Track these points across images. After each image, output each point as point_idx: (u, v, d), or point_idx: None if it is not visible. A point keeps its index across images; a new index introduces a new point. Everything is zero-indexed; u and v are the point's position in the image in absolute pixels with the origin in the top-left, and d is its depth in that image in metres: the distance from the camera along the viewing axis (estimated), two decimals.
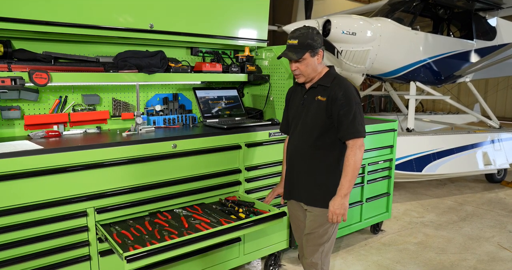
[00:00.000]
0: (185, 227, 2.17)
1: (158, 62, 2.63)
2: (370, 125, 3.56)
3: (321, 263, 2.18)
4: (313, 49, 2.03)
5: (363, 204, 3.62)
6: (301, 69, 2.09)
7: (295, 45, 2.04)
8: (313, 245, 2.16)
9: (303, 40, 2.02)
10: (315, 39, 2.03)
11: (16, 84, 2.07)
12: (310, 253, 2.17)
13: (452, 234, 3.96)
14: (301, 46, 2.03)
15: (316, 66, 2.09)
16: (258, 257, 2.95)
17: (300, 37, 2.03)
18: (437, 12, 6.16)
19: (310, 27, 2.07)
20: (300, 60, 2.06)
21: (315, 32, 2.04)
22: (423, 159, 4.94)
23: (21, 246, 1.94)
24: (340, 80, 2.09)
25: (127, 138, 2.38)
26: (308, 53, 2.03)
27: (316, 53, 2.06)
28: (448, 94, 6.65)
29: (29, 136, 2.36)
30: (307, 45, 2.02)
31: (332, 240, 2.18)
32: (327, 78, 2.10)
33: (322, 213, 2.10)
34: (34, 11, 2.13)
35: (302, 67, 2.08)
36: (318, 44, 2.04)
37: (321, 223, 2.11)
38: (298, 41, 2.03)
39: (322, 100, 2.06)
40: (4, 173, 1.86)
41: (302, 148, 2.14)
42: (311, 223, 2.15)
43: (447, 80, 6.25)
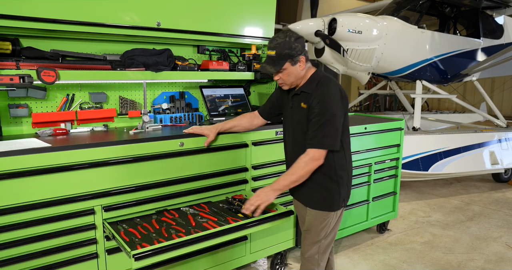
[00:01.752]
0: (192, 225, 2.16)
1: (165, 60, 2.62)
2: (376, 124, 3.54)
3: (318, 259, 2.17)
4: (292, 58, 1.95)
5: (369, 203, 3.60)
6: (283, 79, 2.04)
7: (273, 56, 1.96)
8: (310, 242, 2.16)
9: (281, 51, 1.93)
10: (293, 47, 1.93)
11: (24, 82, 2.07)
12: (307, 249, 2.18)
13: (459, 233, 3.93)
14: (279, 57, 1.95)
15: (299, 74, 2.01)
16: (265, 256, 2.94)
17: (277, 47, 1.94)
18: (443, 11, 6.12)
19: (287, 35, 1.95)
20: (281, 70, 2.00)
21: (292, 40, 1.94)
22: (430, 158, 4.92)
23: (29, 244, 1.94)
24: (323, 85, 1.99)
25: (134, 136, 2.38)
26: (288, 63, 1.96)
27: (297, 61, 1.98)
28: (454, 93, 6.60)
29: (37, 133, 2.36)
30: (285, 55, 1.94)
31: (330, 238, 2.17)
32: (310, 84, 2.02)
33: (319, 214, 2.10)
34: (41, 9, 2.13)
35: (284, 77, 2.02)
36: (297, 51, 1.95)
37: (319, 222, 2.12)
38: (276, 52, 1.95)
39: (304, 108, 2.02)
40: (13, 170, 1.86)
41: (297, 153, 2.08)
42: (308, 221, 2.16)
43: (453, 79, 6.21)
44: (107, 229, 2.12)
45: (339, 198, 2.08)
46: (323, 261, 2.19)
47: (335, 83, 2.01)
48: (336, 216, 2.13)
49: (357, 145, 3.40)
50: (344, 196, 2.11)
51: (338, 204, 2.09)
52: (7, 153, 1.85)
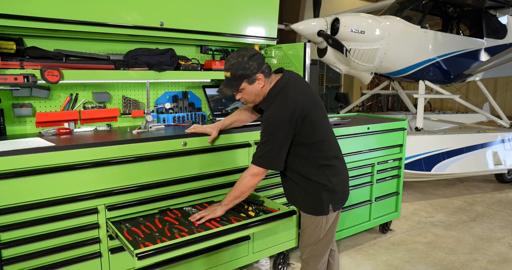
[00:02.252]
0: (195, 225, 2.17)
1: (168, 60, 2.63)
2: (379, 124, 3.54)
3: (315, 261, 2.17)
4: (248, 77, 1.93)
5: (372, 203, 3.60)
6: (245, 98, 2.03)
7: (229, 78, 1.96)
8: (304, 244, 2.18)
9: (235, 72, 1.92)
10: (247, 67, 1.91)
11: (28, 81, 2.08)
12: (302, 251, 2.20)
13: (462, 234, 3.92)
14: (234, 78, 1.94)
15: (259, 91, 1.99)
16: (267, 255, 2.94)
17: (231, 69, 1.93)
18: (446, 11, 6.10)
19: (241, 54, 1.93)
20: (240, 90, 1.99)
21: (246, 59, 1.91)
22: (432, 158, 4.91)
23: (34, 243, 1.95)
24: (274, 102, 1.96)
25: (137, 135, 2.38)
26: (245, 82, 1.94)
27: (254, 80, 1.95)
28: (457, 93, 6.59)
29: (41, 133, 2.37)
30: (240, 76, 1.92)
31: (325, 242, 2.15)
32: (266, 102, 2.02)
33: (308, 217, 2.11)
34: (45, 9, 2.14)
35: (245, 96, 2.02)
36: (252, 71, 1.92)
37: (309, 225, 2.12)
38: (231, 74, 1.94)
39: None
40: (17, 169, 1.87)
41: None
42: (302, 223, 2.18)
43: (456, 79, 6.19)
44: (110, 228, 2.13)
45: (323, 203, 2.04)
46: (320, 263, 2.18)
47: (287, 101, 1.93)
48: (327, 220, 2.10)
49: (360, 145, 3.39)
50: (330, 201, 2.05)
51: (323, 209, 2.05)
52: (11, 152, 1.86)
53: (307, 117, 1.94)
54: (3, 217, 1.87)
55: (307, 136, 1.96)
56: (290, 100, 1.93)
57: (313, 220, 2.10)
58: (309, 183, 2.05)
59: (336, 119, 3.44)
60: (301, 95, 1.97)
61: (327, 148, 2.05)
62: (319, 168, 2.02)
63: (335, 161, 2.09)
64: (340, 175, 2.10)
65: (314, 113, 1.97)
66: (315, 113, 1.98)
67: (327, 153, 2.05)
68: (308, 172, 2.02)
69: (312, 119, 1.96)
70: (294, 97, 1.94)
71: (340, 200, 2.11)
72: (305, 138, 1.96)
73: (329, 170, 2.04)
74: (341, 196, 2.11)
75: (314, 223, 2.10)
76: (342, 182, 2.11)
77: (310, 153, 2.00)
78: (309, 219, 2.11)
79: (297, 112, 1.91)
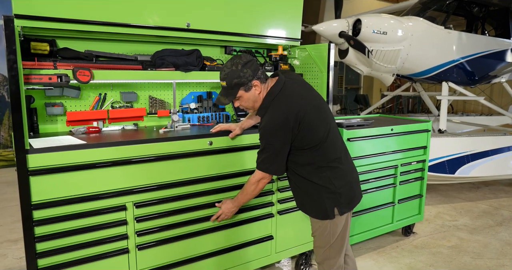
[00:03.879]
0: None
1: (194, 60, 2.67)
2: (403, 126, 3.50)
3: (329, 264, 2.15)
4: (243, 85, 1.94)
5: (395, 205, 3.56)
6: (243, 105, 2.05)
7: (225, 87, 1.98)
8: (317, 247, 2.18)
9: (230, 81, 1.93)
10: (241, 75, 1.91)
11: (62, 81, 2.15)
12: (316, 254, 2.20)
13: (488, 238, 3.83)
14: (229, 87, 1.95)
15: (257, 97, 2.00)
16: (289, 255, 2.95)
17: (226, 78, 1.94)
18: (471, 11, 5.98)
19: (234, 62, 1.94)
20: (238, 98, 2.01)
21: (239, 67, 1.91)
22: (456, 161, 4.81)
23: (64, 237, 2.01)
24: (270, 109, 1.96)
25: (164, 134, 2.42)
26: (241, 90, 1.96)
27: (251, 87, 1.96)
28: (481, 95, 6.44)
29: (71, 131, 2.44)
30: (236, 84, 1.93)
31: (336, 245, 2.11)
32: (262, 109, 2.02)
33: (315, 221, 2.11)
34: (76, 11, 2.20)
35: (243, 104, 2.04)
36: (247, 78, 1.93)
37: (316, 229, 2.12)
38: (226, 83, 1.95)
39: None
40: (51, 166, 1.94)
41: None
42: (312, 227, 2.18)
43: (481, 80, 6.06)
44: None
45: (327, 207, 2.01)
46: (334, 267, 2.16)
47: (281, 108, 1.92)
48: (335, 224, 2.06)
49: (383, 146, 3.36)
50: (335, 205, 2.00)
51: (328, 213, 2.02)
52: (46, 149, 1.93)
53: (303, 122, 1.91)
54: (38, 211, 1.94)
55: (306, 140, 1.94)
56: (284, 107, 1.92)
57: (320, 224, 2.08)
58: (311, 187, 2.02)
59: (359, 120, 3.42)
60: (297, 99, 1.95)
61: (329, 151, 2.00)
62: (320, 171, 1.99)
63: (339, 163, 2.03)
64: (345, 177, 2.04)
65: (312, 116, 1.94)
66: (314, 115, 1.95)
67: (329, 155, 2.00)
68: (309, 175, 2.00)
69: (310, 122, 1.93)
70: (289, 104, 1.93)
71: (347, 203, 2.05)
72: (304, 142, 1.94)
73: (332, 172, 2.00)
74: (347, 199, 2.04)
75: (321, 227, 2.08)
76: (347, 184, 2.05)
77: (310, 157, 1.98)
78: (317, 223, 2.10)
79: (292, 119, 1.89)
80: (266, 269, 3.10)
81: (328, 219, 2.04)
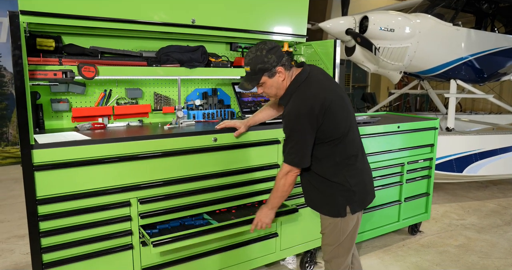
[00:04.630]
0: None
1: (199, 57, 2.66)
2: (410, 123, 3.47)
3: (336, 262, 2.13)
4: (268, 71, 1.92)
5: (401, 203, 3.53)
6: (266, 92, 2.02)
7: (249, 72, 1.96)
8: (325, 245, 2.15)
9: (254, 66, 1.92)
10: (266, 60, 1.90)
11: (67, 77, 2.16)
12: (324, 251, 2.18)
13: (496, 238, 3.78)
14: (253, 72, 1.93)
15: (280, 84, 1.97)
16: (294, 253, 2.93)
17: (250, 63, 1.93)
18: (480, 7, 5.90)
19: (259, 48, 1.92)
20: (261, 84, 1.98)
21: (264, 53, 1.90)
22: (464, 160, 4.75)
23: (69, 232, 2.02)
24: (294, 97, 1.94)
25: (168, 131, 2.42)
26: (265, 76, 1.94)
27: (275, 73, 1.93)
28: (490, 93, 6.36)
29: (76, 127, 2.45)
30: (259, 70, 1.91)
31: (345, 243, 2.09)
32: (286, 97, 1.99)
33: (326, 218, 2.08)
34: (82, 7, 2.20)
35: (266, 90, 2.01)
36: (272, 64, 1.90)
37: (326, 226, 2.10)
38: (250, 68, 1.93)
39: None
40: (56, 161, 1.95)
41: None
42: (321, 224, 2.15)
43: (490, 78, 5.99)
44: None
45: (339, 205, 1.99)
46: (342, 265, 2.14)
47: (307, 96, 1.90)
48: (346, 222, 2.03)
49: (389, 144, 3.33)
50: (348, 204, 1.98)
51: (339, 211, 1.99)
52: (51, 145, 1.93)
53: (328, 112, 1.87)
54: (43, 207, 1.95)
55: (328, 132, 1.90)
56: (309, 95, 1.89)
57: (330, 221, 2.05)
58: (325, 183, 2.00)
59: (366, 117, 3.39)
60: (322, 89, 1.93)
61: (348, 146, 1.98)
62: (337, 167, 1.96)
63: (355, 160, 2.00)
64: (360, 175, 2.02)
65: (337, 108, 1.91)
66: (339, 107, 1.92)
67: (348, 151, 1.98)
68: (325, 171, 1.98)
69: (335, 113, 1.90)
70: (314, 92, 1.90)
71: (360, 202, 2.03)
72: (326, 134, 1.90)
73: (348, 169, 1.97)
74: (360, 198, 2.02)
75: (332, 225, 2.05)
76: (361, 183, 2.03)
77: (330, 150, 1.95)
78: (327, 221, 2.07)
79: (318, 106, 1.85)
80: (271, 266, 3.09)
81: (340, 217, 2.01)
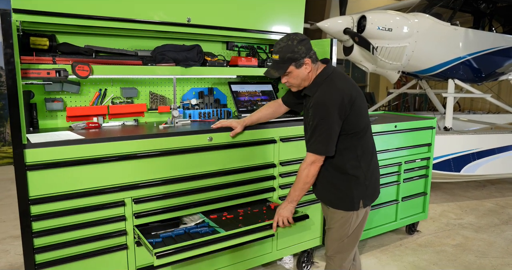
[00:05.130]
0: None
1: (194, 56, 2.65)
2: (407, 123, 3.46)
3: (340, 258, 2.14)
4: (296, 61, 1.95)
5: (398, 203, 3.52)
6: (290, 82, 2.05)
7: (277, 60, 1.98)
8: (331, 240, 2.15)
9: (283, 55, 1.95)
10: (296, 50, 1.93)
11: (60, 76, 2.14)
12: (329, 247, 2.17)
13: (493, 237, 3.77)
14: (282, 61, 1.96)
15: (305, 76, 2.01)
16: (291, 253, 2.92)
17: (280, 52, 1.96)
18: (478, 7, 5.90)
19: (290, 38, 1.96)
20: (287, 73, 2.01)
21: (295, 43, 1.94)
22: (462, 159, 4.75)
23: (63, 232, 2.00)
24: (322, 87, 1.98)
25: (164, 130, 2.41)
26: (292, 66, 1.97)
27: (302, 64, 1.97)
28: (488, 92, 6.36)
29: (71, 127, 2.43)
30: (288, 59, 1.95)
31: (352, 238, 2.12)
32: (313, 88, 2.03)
33: (337, 212, 2.09)
34: (77, 5, 2.18)
35: (291, 80, 2.04)
36: (301, 54, 1.94)
37: (338, 221, 2.10)
38: (279, 56, 1.96)
39: (307, 109, 2.06)
40: (49, 161, 1.93)
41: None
42: (329, 219, 2.16)
43: (488, 78, 5.98)
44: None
45: (354, 199, 2.03)
46: (345, 261, 2.15)
47: (335, 87, 1.95)
48: (357, 216, 2.07)
49: (387, 143, 3.32)
50: (361, 197, 2.04)
51: (354, 204, 2.03)
52: (44, 144, 1.92)
53: (354, 104, 1.95)
54: (35, 206, 1.93)
55: (352, 124, 1.96)
56: (338, 86, 1.96)
57: (343, 215, 2.07)
58: (342, 177, 2.03)
59: None
60: (347, 83, 2.00)
61: (367, 141, 2.07)
62: (356, 160, 2.02)
63: (371, 156, 2.10)
64: (373, 171, 2.11)
65: (360, 103, 1.99)
66: (361, 103, 2.01)
67: (367, 146, 2.06)
68: (345, 164, 2.01)
69: (359, 107, 1.98)
70: (342, 85, 1.97)
71: (371, 196, 2.10)
72: (351, 125, 1.96)
73: (366, 164, 2.05)
74: (371, 192, 2.10)
75: (343, 219, 2.07)
76: (374, 178, 2.11)
77: (351, 144, 2.00)
78: (339, 215, 2.08)
79: (346, 97, 1.92)
80: (268, 266, 3.08)
81: (354, 210, 2.05)
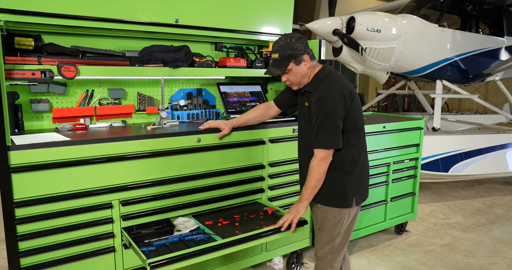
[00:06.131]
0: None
1: (183, 56, 2.63)
2: (395, 123, 3.48)
3: (331, 258, 2.15)
4: (295, 58, 2.00)
5: (387, 203, 3.54)
6: (290, 80, 2.09)
7: (277, 59, 2.02)
8: (323, 241, 2.15)
9: (283, 53, 1.99)
10: (295, 47, 1.98)
11: (45, 77, 2.10)
12: (319, 248, 2.17)
13: (480, 236, 3.82)
14: (282, 58, 2.00)
15: (305, 72, 2.05)
16: (280, 254, 2.92)
17: (279, 50, 2.00)
18: (465, 9, 5.97)
19: (288, 36, 2.02)
20: (287, 71, 2.04)
21: (293, 40, 1.99)
22: (450, 159, 4.80)
23: (49, 236, 1.97)
24: (323, 84, 2.02)
25: (151, 131, 2.39)
26: (292, 63, 2.01)
27: (301, 60, 2.02)
28: (476, 93, 6.44)
29: (57, 128, 2.40)
30: (288, 56, 1.99)
31: (344, 238, 2.14)
32: (313, 84, 2.06)
33: (329, 210, 2.10)
34: (63, 5, 2.15)
35: (291, 78, 2.07)
36: (300, 51, 1.99)
37: (330, 220, 2.11)
38: (279, 54, 2.01)
39: (307, 106, 2.08)
40: (35, 163, 1.90)
41: (304, 152, 2.18)
42: (320, 218, 2.16)
43: (475, 78, 6.06)
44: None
45: (348, 195, 2.06)
46: (336, 261, 2.16)
47: (336, 82, 2.00)
48: (348, 215, 2.10)
49: (375, 144, 3.34)
50: (354, 194, 2.08)
51: (347, 202, 2.06)
52: (29, 146, 1.89)
53: (354, 101, 2.01)
54: (20, 209, 1.90)
55: (352, 120, 2.02)
56: (339, 82, 2.01)
57: (336, 214, 2.08)
58: (337, 175, 2.05)
59: None
60: (346, 81, 2.07)
61: (362, 140, 2.13)
62: (353, 159, 2.06)
63: (365, 155, 2.16)
64: (365, 170, 2.16)
65: (358, 101, 2.06)
66: (358, 101, 2.07)
67: (363, 145, 2.13)
68: (341, 160, 2.04)
69: (357, 105, 2.04)
70: (342, 81, 2.03)
71: (362, 195, 2.14)
72: (350, 121, 2.01)
73: (361, 162, 2.10)
74: (363, 191, 2.14)
75: (336, 218, 2.08)
76: (366, 177, 2.16)
77: (350, 141, 2.04)
78: (332, 214, 2.09)
79: (347, 93, 1.99)
80: (257, 267, 3.07)
81: (347, 208, 2.07)
